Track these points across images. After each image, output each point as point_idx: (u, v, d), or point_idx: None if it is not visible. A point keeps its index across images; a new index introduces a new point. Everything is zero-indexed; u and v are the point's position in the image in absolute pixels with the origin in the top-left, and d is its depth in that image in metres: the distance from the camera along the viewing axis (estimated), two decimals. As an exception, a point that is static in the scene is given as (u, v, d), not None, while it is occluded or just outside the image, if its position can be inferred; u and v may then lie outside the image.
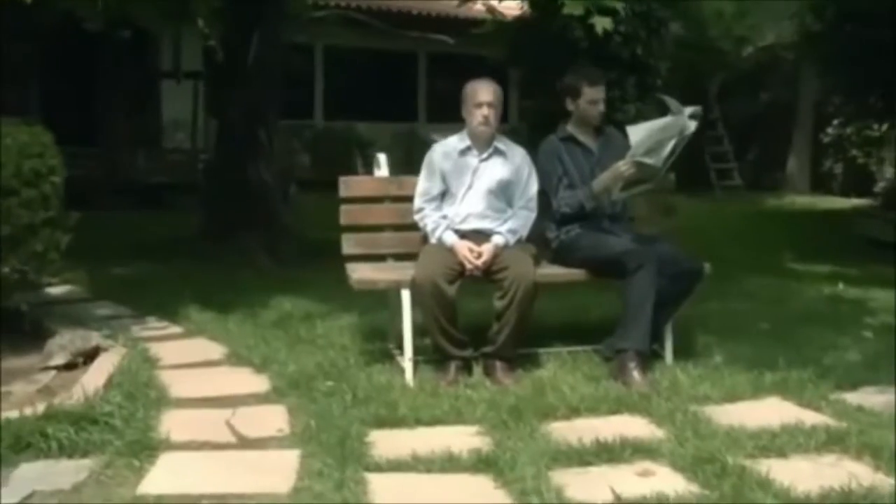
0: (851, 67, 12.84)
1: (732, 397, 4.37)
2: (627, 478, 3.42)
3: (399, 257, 5.07)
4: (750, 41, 18.59)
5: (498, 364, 4.63)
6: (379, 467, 3.48)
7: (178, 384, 4.50)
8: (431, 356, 4.79)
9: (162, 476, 3.39)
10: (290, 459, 3.58)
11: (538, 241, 5.02)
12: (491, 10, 17.14)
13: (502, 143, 4.91)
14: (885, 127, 16.30)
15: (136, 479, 3.36)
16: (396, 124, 17.67)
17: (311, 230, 8.94)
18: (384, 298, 5.29)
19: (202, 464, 3.55)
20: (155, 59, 14.77)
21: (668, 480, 3.38)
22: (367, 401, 4.24)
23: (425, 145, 21.51)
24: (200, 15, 11.30)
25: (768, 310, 6.50)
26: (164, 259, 8.05)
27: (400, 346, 5.01)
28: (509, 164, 4.86)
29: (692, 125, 4.78)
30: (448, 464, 3.52)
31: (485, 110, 4.77)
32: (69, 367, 4.61)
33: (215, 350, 5.24)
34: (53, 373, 4.52)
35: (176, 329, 5.74)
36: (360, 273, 4.81)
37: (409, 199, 5.03)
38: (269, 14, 9.49)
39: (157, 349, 5.07)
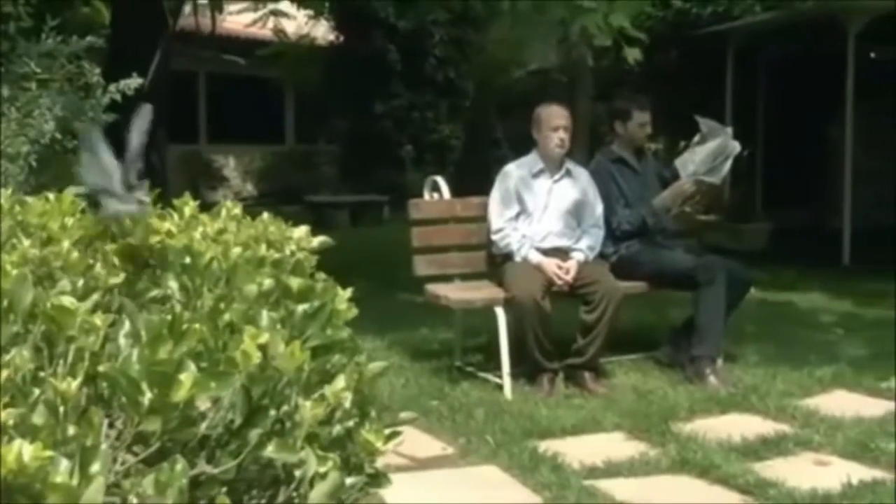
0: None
1: (808, 392, 4.82)
2: (808, 467, 3.76)
3: (465, 277, 5.21)
4: (522, 65, 19.66)
5: (587, 374, 4.86)
6: (593, 474, 3.64)
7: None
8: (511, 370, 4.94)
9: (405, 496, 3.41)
10: (495, 475, 3.68)
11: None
12: (278, 32, 17.11)
13: (571, 165, 5.16)
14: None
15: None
16: (182, 146, 17.28)
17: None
18: (385, 316, 5.53)
19: (428, 483, 3.60)
20: None
21: (846, 468, 3.72)
22: (496, 416, 4.37)
23: (208, 167, 20.71)
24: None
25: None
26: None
27: (468, 363, 5.20)
28: (578, 184, 5.13)
29: (737, 145, 5.23)
30: (647, 467, 3.74)
31: (561, 133, 5.01)
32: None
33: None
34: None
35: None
36: (455, 294, 4.92)
37: (472, 219, 5.22)
38: (161, 39, 9.33)
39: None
